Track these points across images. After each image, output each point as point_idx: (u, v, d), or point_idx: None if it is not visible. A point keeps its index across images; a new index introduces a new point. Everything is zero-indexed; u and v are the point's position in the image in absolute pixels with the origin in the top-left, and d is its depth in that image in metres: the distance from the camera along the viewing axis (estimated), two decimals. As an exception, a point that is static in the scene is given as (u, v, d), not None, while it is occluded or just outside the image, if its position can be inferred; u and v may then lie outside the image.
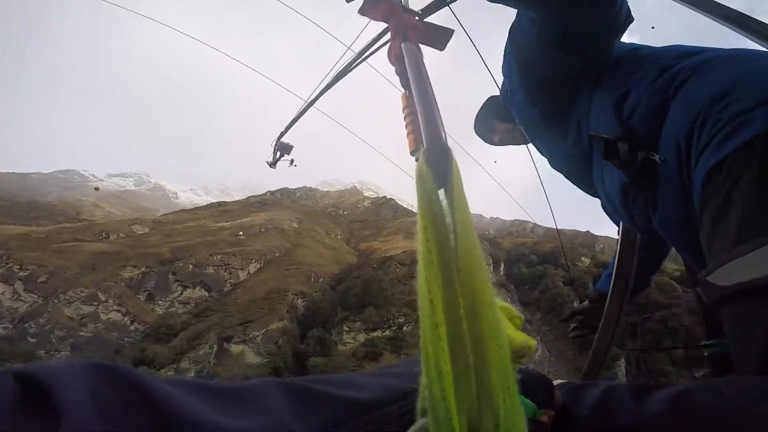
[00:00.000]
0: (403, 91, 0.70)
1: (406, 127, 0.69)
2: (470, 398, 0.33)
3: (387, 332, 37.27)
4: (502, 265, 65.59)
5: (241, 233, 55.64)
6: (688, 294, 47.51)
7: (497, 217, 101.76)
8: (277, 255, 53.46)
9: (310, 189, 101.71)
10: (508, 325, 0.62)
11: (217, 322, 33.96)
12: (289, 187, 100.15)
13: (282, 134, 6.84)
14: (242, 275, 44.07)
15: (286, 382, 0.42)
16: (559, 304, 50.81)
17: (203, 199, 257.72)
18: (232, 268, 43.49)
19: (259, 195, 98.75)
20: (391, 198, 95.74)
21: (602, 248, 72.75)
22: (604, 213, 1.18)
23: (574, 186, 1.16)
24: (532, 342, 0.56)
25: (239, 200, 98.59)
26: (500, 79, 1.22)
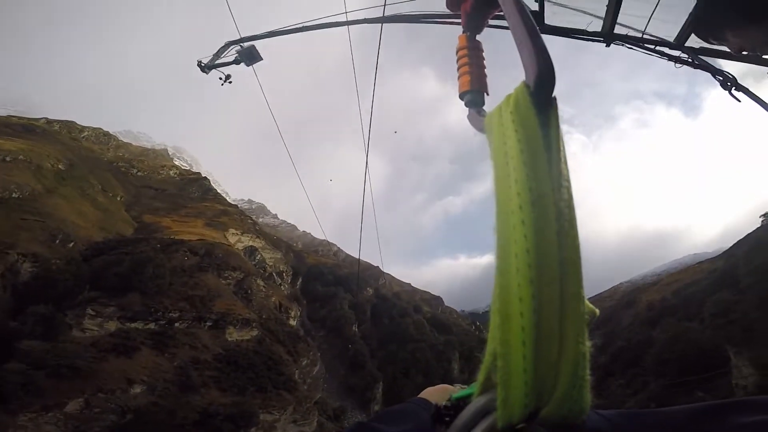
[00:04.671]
0: (465, 32, 0.71)
1: (459, 68, 0.69)
2: (549, 369, 0.33)
3: (151, 325, 31.25)
4: (300, 279, 66.76)
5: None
6: (434, 333, 60.32)
7: (309, 233, 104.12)
8: (14, 196, 38.02)
9: (106, 133, 78.00)
10: None
11: None
12: (78, 122, 74.50)
13: (256, 37, 5.68)
14: (-66, 207, 28.92)
15: None
16: (341, 326, 55.19)
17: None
18: None
19: (28, 118, 69.20)
20: (205, 177, 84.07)
21: (384, 283, 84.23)
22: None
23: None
24: (596, 309, 0.52)
25: (-6, 115, 66.67)
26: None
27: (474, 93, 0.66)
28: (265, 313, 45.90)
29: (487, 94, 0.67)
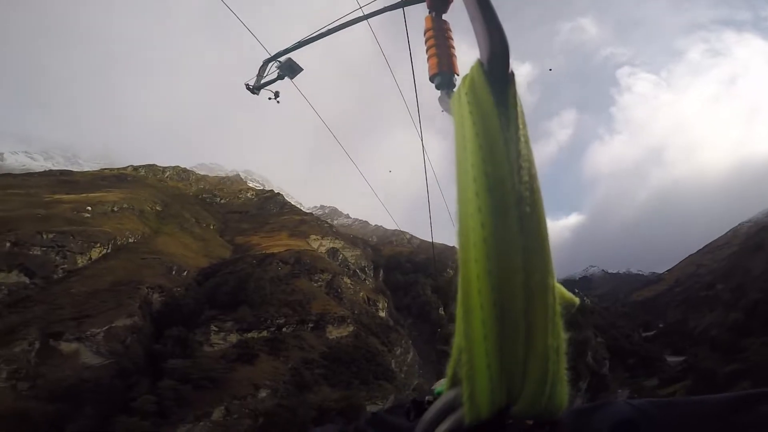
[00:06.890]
0: (430, 13, 0.72)
1: (428, 50, 0.69)
2: (516, 364, 0.32)
3: (264, 333, 34.90)
4: (381, 271, 68.70)
5: (88, 210, 44.81)
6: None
7: (380, 226, 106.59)
8: (131, 241, 44.86)
9: (184, 170, 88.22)
10: None
11: (40, 315, 26.43)
12: (158, 164, 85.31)
13: (288, 50, 5.69)
14: (81, 261, 35.44)
15: None
16: (426, 311, 55.95)
17: (40, 165, 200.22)
18: (68, 251, 34.56)
19: (118, 168, 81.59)
20: (278, 192, 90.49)
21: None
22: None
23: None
24: (576, 299, 0.50)
25: (90, 171, 79.72)
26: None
27: (443, 75, 0.65)
28: (357, 308, 48.16)
29: (457, 75, 0.66)
